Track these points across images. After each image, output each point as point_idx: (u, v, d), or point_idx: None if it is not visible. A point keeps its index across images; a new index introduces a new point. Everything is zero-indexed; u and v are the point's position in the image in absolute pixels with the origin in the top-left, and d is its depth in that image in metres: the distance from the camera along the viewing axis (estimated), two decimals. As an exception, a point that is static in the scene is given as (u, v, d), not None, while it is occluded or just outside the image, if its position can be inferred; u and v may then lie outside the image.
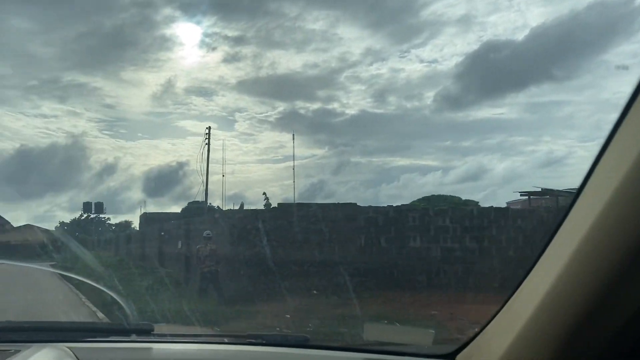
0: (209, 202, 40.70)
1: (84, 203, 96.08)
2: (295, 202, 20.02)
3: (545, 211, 16.19)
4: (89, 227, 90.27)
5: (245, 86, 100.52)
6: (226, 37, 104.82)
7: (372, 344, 1.88)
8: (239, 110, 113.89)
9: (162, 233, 19.75)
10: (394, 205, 15.33)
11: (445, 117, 67.04)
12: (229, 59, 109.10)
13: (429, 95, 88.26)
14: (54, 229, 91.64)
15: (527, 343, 1.16)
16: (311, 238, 13.59)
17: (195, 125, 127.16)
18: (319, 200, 43.20)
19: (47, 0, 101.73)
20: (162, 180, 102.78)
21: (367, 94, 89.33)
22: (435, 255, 13.88)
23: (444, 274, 13.72)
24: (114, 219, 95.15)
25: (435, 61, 77.44)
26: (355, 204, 14.61)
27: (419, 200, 25.49)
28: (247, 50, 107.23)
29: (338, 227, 13.87)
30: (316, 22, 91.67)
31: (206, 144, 28.07)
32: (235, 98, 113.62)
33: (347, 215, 14.12)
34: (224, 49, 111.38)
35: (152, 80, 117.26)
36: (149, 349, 1.77)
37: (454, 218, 14.19)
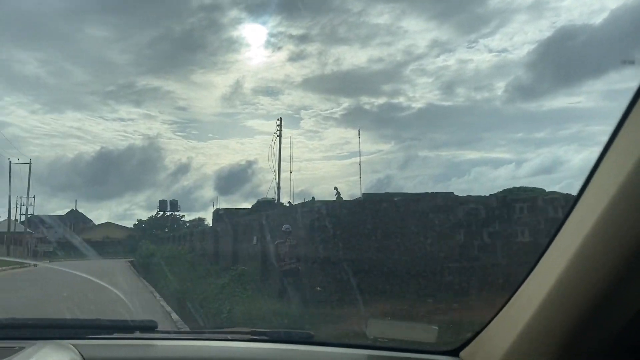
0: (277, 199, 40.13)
1: (159, 201, 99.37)
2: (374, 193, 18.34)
3: None
4: (165, 225, 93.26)
5: (310, 84, 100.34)
6: (291, 36, 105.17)
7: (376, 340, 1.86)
8: (305, 107, 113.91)
9: (236, 229, 18.81)
10: (496, 193, 13.37)
11: (518, 107, 64.18)
12: (294, 58, 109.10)
13: (500, 86, 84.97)
14: (132, 226, 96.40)
15: (530, 340, 1.18)
16: (402, 232, 12.00)
17: (263, 124, 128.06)
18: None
19: (123, 9, 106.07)
20: (232, 179, 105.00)
21: (434, 87, 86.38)
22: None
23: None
24: (188, 217, 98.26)
25: (505, 50, 73.49)
26: (452, 193, 12.86)
27: (497, 193, 23.34)
28: (311, 47, 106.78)
29: (431, 220, 12.19)
30: (381, 15, 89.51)
31: (277, 136, 26.99)
32: (301, 96, 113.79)
33: (441, 206, 12.40)
34: (289, 48, 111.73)
35: (221, 81, 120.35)
36: (153, 345, 1.75)
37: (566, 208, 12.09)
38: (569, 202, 1.13)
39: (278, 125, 27.11)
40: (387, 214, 12.11)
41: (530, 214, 12.17)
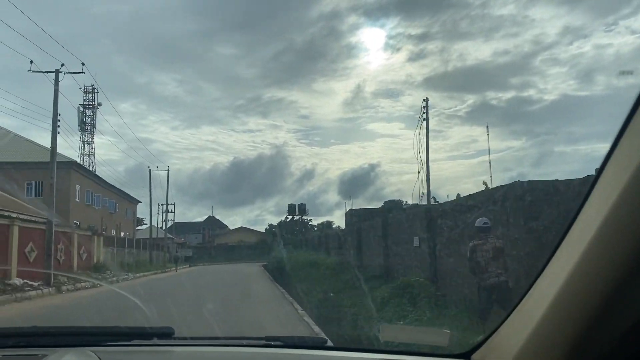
0: (405, 200, 36.40)
1: (288, 205, 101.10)
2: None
3: None
4: (294, 229, 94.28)
5: (431, 82, 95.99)
6: (410, 36, 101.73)
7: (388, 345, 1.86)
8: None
9: (385, 229, 15.67)
10: None
11: (669, 93, 53.52)
12: (414, 58, 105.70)
13: (647, 70, 73.52)
14: (263, 231, 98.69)
15: (541, 342, 1.17)
16: None
17: (384, 127, 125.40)
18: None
19: (248, 26, 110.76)
20: (355, 182, 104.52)
21: (569, 76, 76.89)
22: None
23: None
24: (315, 220, 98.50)
25: (650, 30, 62.48)
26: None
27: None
28: (432, 46, 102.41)
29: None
30: (505, 6, 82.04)
31: (424, 119, 23.39)
32: (422, 95, 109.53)
33: None
34: (408, 48, 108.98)
35: (341, 87, 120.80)
36: (170, 352, 1.81)
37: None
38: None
39: (424, 107, 23.48)
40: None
41: None
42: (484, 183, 13.16)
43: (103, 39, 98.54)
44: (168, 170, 54.93)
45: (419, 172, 23.17)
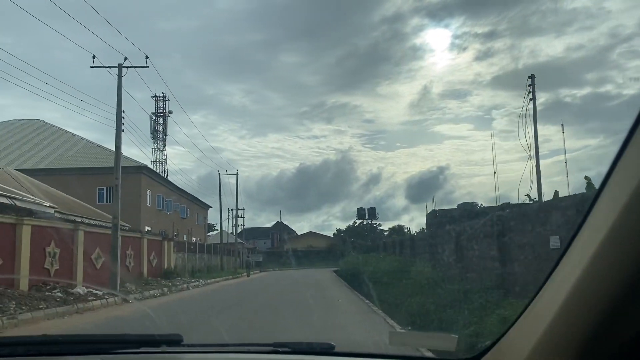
0: (480, 203, 32.91)
1: (357, 209, 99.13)
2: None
3: None
4: (363, 233, 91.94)
5: (500, 81, 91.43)
6: (476, 35, 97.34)
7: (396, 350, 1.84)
8: (496, 107, 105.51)
9: (501, 227, 12.80)
10: None
11: None
12: (481, 56, 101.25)
13: None
14: (331, 235, 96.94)
15: (550, 346, 1.17)
16: None
17: (451, 128, 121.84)
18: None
19: (311, 34, 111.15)
20: (423, 186, 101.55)
21: None
22: None
23: None
24: (382, 225, 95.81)
25: None
26: None
27: None
28: (499, 43, 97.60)
29: None
30: None
31: (530, 99, 19.97)
32: (491, 95, 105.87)
33: None
34: (475, 47, 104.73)
35: (406, 90, 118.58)
36: (179, 359, 1.86)
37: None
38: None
39: (529, 85, 20.08)
40: None
41: None
42: (586, 177, 10.15)
43: (174, 54, 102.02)
44: (237, 174, 53.97)
45: (494, 172, 20.09)
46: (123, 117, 19.17)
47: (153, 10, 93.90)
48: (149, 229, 35.89)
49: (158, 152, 67.17)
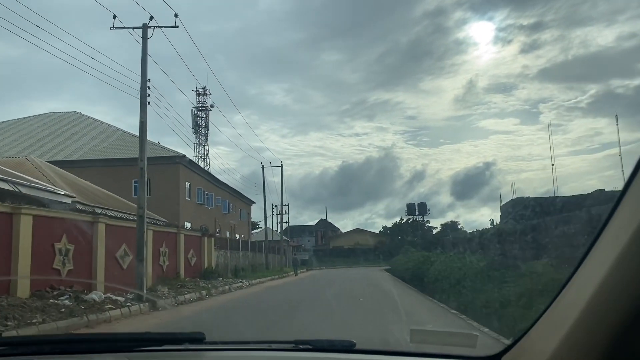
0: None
1: (407, 204, 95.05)
2: None
3: None
4: (409, 230, 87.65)
5: (547, 73, 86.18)
6: (521, 27, 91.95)
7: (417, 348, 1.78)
8: (543, 100, 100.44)
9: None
10: None
11: None
12: (527, 49, 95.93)
13: None
14: (377, 232, 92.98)
15: (573, 346, 1.15)
16: None
17: (497, 123, 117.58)
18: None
19: (351, 31, 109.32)
20: (468, 183, 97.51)
21: None
22: None
23: None
24: (431, 222, 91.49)
25: None
26: None
27: None
28: (546, 35, 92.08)
29: None
30: None
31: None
32: (538, 88, 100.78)
33: None
34: (520, 40, 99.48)
35: (449, 85, 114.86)
36: (201, 356, 1.86)
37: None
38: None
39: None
40: None
41: None
42: None
43: (216, 55, 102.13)
44: (282, 165, 50.72)
45: (552, 164, 16.15)
46: (149, 88, 15.91)
47: (194, 13, 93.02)
48: (189, 224, 32.93)
49: (200, 148, 65.15)
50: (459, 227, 77.94)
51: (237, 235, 46.76)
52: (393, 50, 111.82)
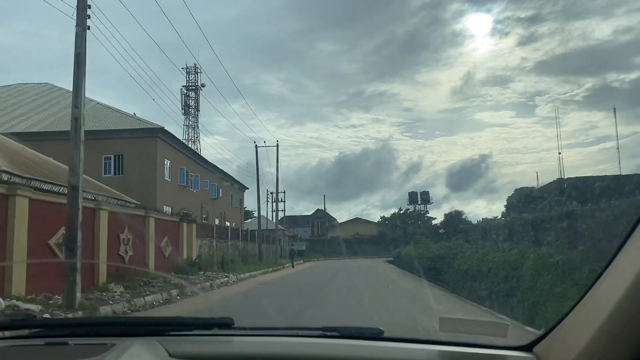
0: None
1: (409, 193, 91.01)
2: None
3: None
4: (408, 221, 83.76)
5: (544, 67, 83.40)
6: (519, 19, 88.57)
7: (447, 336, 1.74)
8: (539, 93, 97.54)
9: None
10: None
11: None
12: (524, 42, 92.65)
13: None
14: (376, 222, 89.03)
15: (608, 338, 1.11)
16: None
17: (493, 115, 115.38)
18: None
19: (348, 21, 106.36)
20: (464, 175, 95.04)
21: None
22: None
23: None
24: (430, 214, 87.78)
25: None
26: None
27: None
28: (543, 28, 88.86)
29: None
30: None
31: None
32: (534, 81, 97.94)
33: None
34: (517, 32, 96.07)
35: (446, 77, 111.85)
36: (230, 341, 1.84)
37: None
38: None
39: None
40: None
41: None
42: None
43: (213, 44, 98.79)
44: (277, 145, 46.13)
45: (559, 153, 12.75)
46: (89, 7, 11.26)
47: (191, 1, 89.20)
48: (169, 209, 28.38)
49: (190, 130, 60.41)
50: (463, 217, 74.07)
51: (228, 224, 42.25)
52: (390, 42, 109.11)
